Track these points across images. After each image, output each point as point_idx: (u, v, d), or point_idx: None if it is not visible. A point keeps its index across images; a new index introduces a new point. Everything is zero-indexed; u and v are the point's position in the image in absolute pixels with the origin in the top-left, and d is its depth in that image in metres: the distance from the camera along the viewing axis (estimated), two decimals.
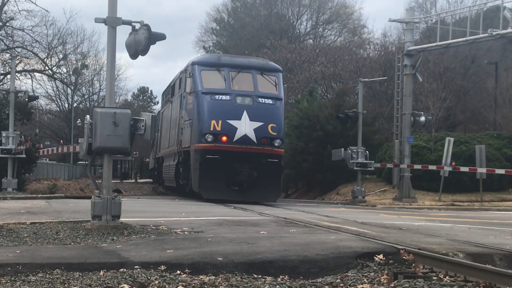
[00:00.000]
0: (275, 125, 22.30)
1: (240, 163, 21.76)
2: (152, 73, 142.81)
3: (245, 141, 21.82)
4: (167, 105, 32.15)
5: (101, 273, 7.08)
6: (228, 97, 22.32)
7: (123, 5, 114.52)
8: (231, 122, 21.87)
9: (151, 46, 11.29)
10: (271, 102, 22.67)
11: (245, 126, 21.84)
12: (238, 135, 21.78)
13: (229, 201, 21.11)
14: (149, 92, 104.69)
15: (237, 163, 21.74)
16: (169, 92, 31.56)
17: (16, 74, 32.67)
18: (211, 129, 21.90)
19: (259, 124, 22.00)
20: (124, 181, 64.46)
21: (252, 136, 21.86)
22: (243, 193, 21.97)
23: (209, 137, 21.90)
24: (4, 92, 26.73)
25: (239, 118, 21.87)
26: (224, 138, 21.84)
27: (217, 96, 22.36)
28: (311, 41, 61.09)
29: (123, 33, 11.66)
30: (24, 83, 48.47)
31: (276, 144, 22.27)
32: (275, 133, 22.27)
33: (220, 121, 21.88)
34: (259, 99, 22.52)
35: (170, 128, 29.15)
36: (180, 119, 25.58)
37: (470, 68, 44.29)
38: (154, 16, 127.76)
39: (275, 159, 22.33)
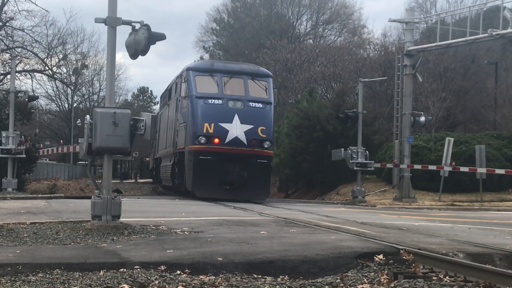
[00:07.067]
0: (264, 128, 23.39)
1: (231, 163, 22.87)
2: (158, 72, 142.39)
3: (236, 143, 22.90)
4: (164, 107, 33.24)
5: (101, 273, 7.08)
6: (220, 101, 23.41)
7: (132, 4, 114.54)
8: (223, 125, 22.93)
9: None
10: (261, 106, 23.78)
11: (236, 129, 22.90)
12: (229, 137, 22.86)
13: (222, 200, 21.83)
14: (149, 92, 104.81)
15: (229, 163, 22.84)
16: (167, 95, 32.76)
17: (16, 74, 32.66)
18: (204, 131, 22.97)
19: (249, 126, 23.07)
20: (124, 181, 64.44)
21: (242, 138, 22.92)
22: (234, 192, 22.99)
23: (202, 139, 22.95)
24: (4, 92, 26.75)
25: (230, 121, 22.95)
26: (216, 140, 22.91)
27: (210, 100, 23.42)
28: (311, 41, 61.07)
29: (123, 33, 11.68)
30: (24, 83, 48.56)
31: (266, 146, 23.39)
32: (265, 136, 23.37)
33: (212, 124, 22.95)
34: (250, 103, 23.62)
35: (167, 130, 30.14)
36: (176, 121, 26.60)
37: (470, 68, 44.28)
38: (164, 15, 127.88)
39: (265, 160, 23.41)
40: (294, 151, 34.30)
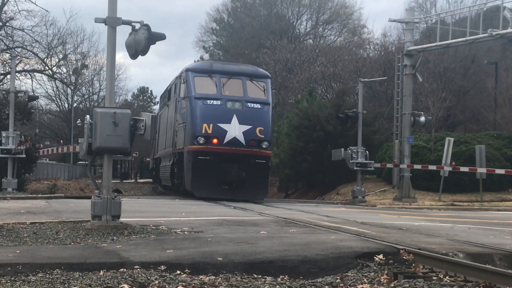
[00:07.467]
0: (262, 128, 23.67)
1: (229, 163, 23.11)
2: (158, 72, 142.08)
3: (234, 143, 23.18)
4: (164, 108, 33.60)
5: (101, 273, 7.08)
6: (219, 102, 23.70)
7: (133, 4, 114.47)
8: (222, 125, 23.21)
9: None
10: (259, 107, 24.06)
11: (235, 129, 23.19)
12: (228, 137, 23.13)
13: (221, 200, 22.01)
14: (149, 92, 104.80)
15: (227, 163, 23.09)
16: (166, 96, 33.14)
17: (16, 74, 32.67)
18: (203, 132, 23.24)
19: (247, 127, 23.34)
20: (124, 181, 64.45)
21: (241, 138, 23.20)
22: (233, 192, 23.24)
23: (201, 139, 23.23)
24: (4, 92, 26.72)
25: (229, 121, 23.23)
26: (215, 140, 23.19)
27: (208, 101, 23.69)
28: (311, 41, 61.05)
29: (123, 33, 11.68)
30: (24, 83, 48.52)
31: (264, 146, 23.67)
32: (263, 136, 23.65)
33: (211, 125, 23.22)
34: (248, 103, 23.90)
35: (166, 130, 30.46)
36: (175, 122, 26.92)
37: (470, 68, 44.27)
38: (165, 14, 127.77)
39: (263, 160, 23.67)
40: (294, 151, 34.29)
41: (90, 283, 6.62)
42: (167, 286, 6.60)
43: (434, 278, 7.03)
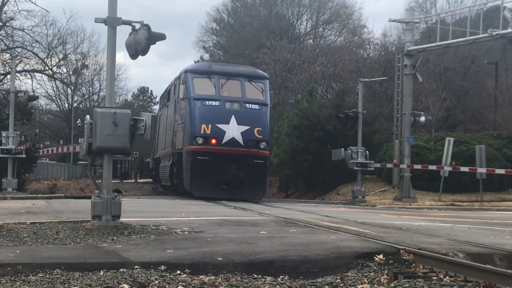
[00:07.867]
0: (260, 129, 23.94)
1: (228, 163, 23.34)
2: (159, 72, 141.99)
3: (233, 143, 23.41)
4: (163, 108, 33.88)
5: (101, 273, 7.08)
6: (217, 103, 23.93)
7: (133, 4, 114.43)
8: (220, 126, 23.43)
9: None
10: (257, 108, 24.32)
11: (233, 130, 23.42)
12: (226, 138, 23.35)
13: (219, 199, 22.21)
14: (149, 92, 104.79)
15: (225, 163, 23.32)
16: (166, 96, 33.44)
17: (16, 74, 32.66)
18: (202, 132, 23.45)
19: (246, 127, 23.58)
20: (124, 181, 64.46)
21: (239, 139, 23.42)
22: (231, 191, 23.44)
23: (200, 140, 23.45)
24: (4, 92, 26.73)
25: (227, 122, 23.45)
26: (214, 141, 23.42)
27: (207, 102, 23.93)
28: (311, 41, 61.04)
29: (124, 33, 11.68)
30: (24, 83, 48.62)
31: (262, 146, 23.93)
32: (261, 136, 23.91)
33: (210, 125, 23.45)
34: (246, 104, 24.14)
35: (166, 130, 30.71)
36: (174, 122, 27.14)
37: (470, 68, 44.29)
38: (165, 14, 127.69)
39: (261, 160, 23.93)
40: (294, 151, 34.29)
41: (90, 283, 6.62)
42: (167, 286, 6.60)
43: (434, 278, 7.03)
